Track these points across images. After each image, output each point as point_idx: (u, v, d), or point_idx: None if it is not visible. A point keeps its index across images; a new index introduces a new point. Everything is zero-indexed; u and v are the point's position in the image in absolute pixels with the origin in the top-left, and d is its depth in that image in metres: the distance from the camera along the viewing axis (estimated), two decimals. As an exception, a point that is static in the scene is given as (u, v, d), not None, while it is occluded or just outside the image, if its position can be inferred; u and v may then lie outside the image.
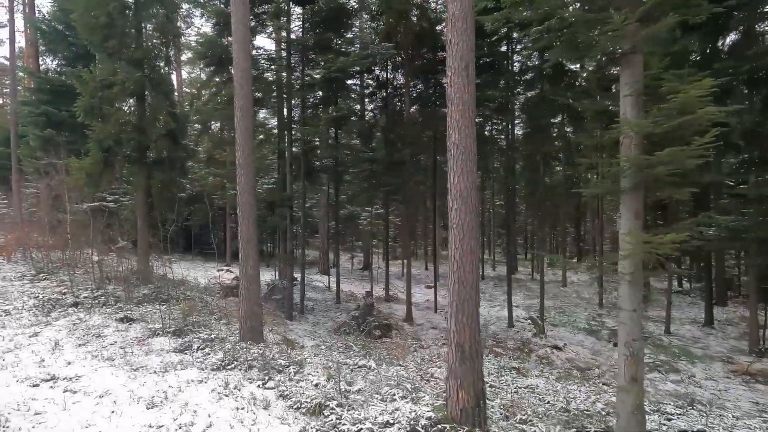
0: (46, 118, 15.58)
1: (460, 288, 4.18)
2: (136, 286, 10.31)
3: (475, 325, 4.24)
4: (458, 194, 4.17)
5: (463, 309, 4.18)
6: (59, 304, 8.49)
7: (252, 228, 6.85)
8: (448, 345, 4.35)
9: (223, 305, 9.93)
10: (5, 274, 10.16)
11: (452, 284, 4.27)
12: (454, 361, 4.20)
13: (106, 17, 9.81)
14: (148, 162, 10.80)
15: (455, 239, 4.20)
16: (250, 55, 6.84)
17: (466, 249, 4.16)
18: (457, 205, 4.18)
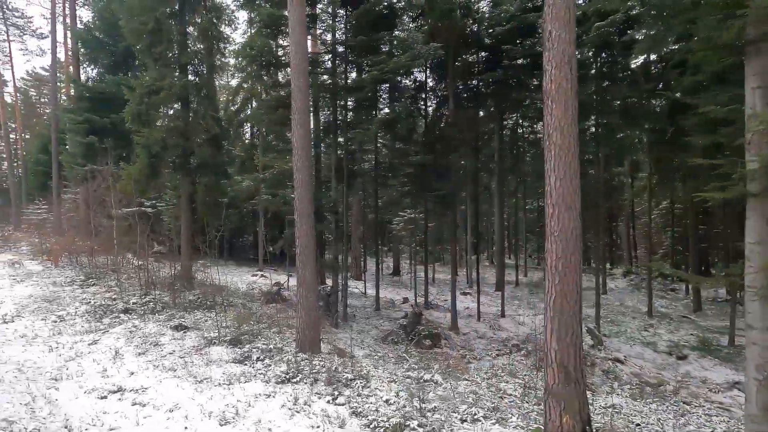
0: (88, 125, 15.88)
1: (563, 303, 3.82)
2: (180, 291, 10.28)
3: (579, 343, 3.87)
4: (560, 199, 3.81)
5: (567, 326, 3.81)
6: (110, 310, 8.47)
7: (310, 234, 6.63)
8: (546, 365, 3.98)
9: (269, 313, 9.76)
10: (55, 279, 10.26)
11: (552, 298, 3.90)
12: (556, 383, 3.83)
13: (154, 23, 9.84)
14: (191, 167, 10.78)
15: (556, 248, 3.84)
16: (307, 56, 6.66)
17: (570, 260, 3.79)
18: (558, 212, 3.83)
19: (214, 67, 10.51)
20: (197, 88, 10.45)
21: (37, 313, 7.94)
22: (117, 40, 16.88)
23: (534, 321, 13.83)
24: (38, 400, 4.24)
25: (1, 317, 7.53)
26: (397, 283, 22.15)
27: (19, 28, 25.82)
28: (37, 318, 7.69)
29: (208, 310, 8.98)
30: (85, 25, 18.64)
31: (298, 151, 6.60)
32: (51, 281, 10.06)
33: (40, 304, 8.38)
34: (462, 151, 10.82)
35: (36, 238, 17.49)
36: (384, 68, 8.00)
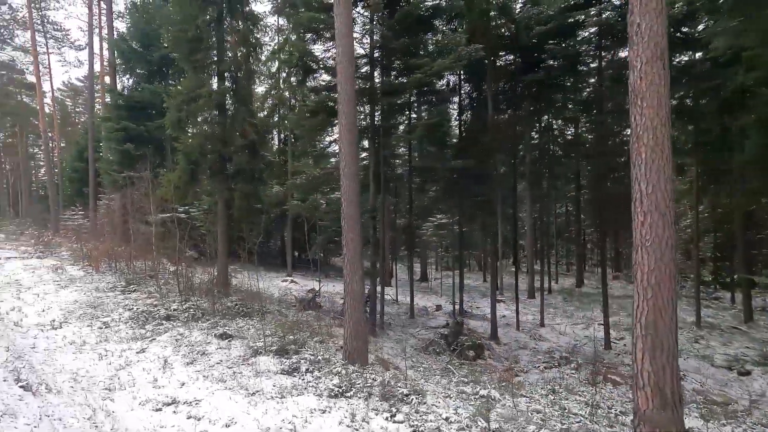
0: (125, 133, 16.23)
1: (657, 319, 3.48)
2: (218, 298, 10.27)
3: (676, 364, 3.52)
4: (652, 206, 3.49)
5: (661, 344, 3.47)
6: (152, 317, 8.47)
7: (357, 243, 6.44)
8: (636, 387, 3.64)
9: (306, 320, 9.62)
10: (97, 284, 10.39)
11: (643, 314, 3.57)
12: (650, 408, 3.49)
13: (195, 31, 9.92)
14: (228, 174, 10.79)
15: (648, 260, 3.52)
16: (354, 60, 6.52)
17: (665, 272, 3.46)
18: (650, 219, 3.50)
19: (251, 73, 10.51)
20: (235, 95, 10.47)
21: (83, 319, 8.00)
22: (152, 49, 17.27)
23: (574, 330, 13.30)
24: (98, 413, 4.15)
25: (50, 323, 7.60)
26: (425, 290, 21.83)
27: (57, 40, 26.81)
28: (84, 324, 7.73)
29: (248, 318, 8.90)
30: (121, 36, 19.16)
31: (345, 156, 6.44)
32: (93, 287, 10.19)
33: (85, 309, 8.45)
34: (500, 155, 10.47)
35: (75, 243, 17.99)
36: (428, 70, 7.79)
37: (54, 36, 27.08)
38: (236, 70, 10.70)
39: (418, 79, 7.91)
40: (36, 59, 24.29)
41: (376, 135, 9.75)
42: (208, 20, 10.25)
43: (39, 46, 25.67)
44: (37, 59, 24.44)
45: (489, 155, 10.20)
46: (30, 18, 24.14)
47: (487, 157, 10.09)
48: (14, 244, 16.83)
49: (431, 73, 7.84)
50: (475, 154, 9.81)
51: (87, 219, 23.87)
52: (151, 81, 16.81)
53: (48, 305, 8.55)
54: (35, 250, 15.34)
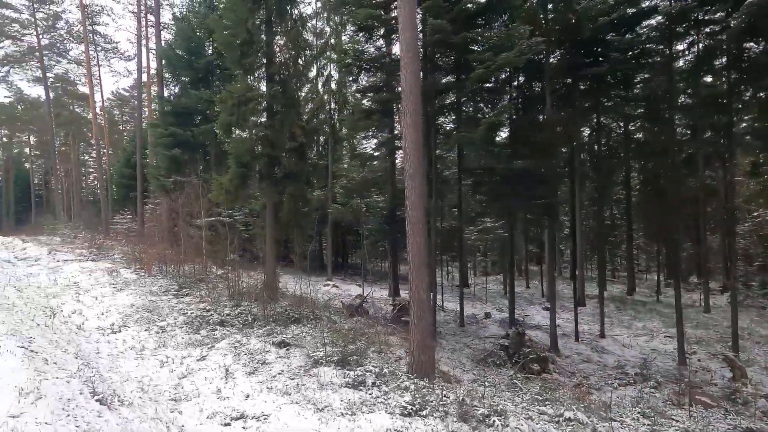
0: (173, 138, 16.58)
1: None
2: (268, 302, 10.14)
3: None
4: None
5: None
6: (206, 322, 8.38)
7: (423, 247, 6.04)
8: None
9: (357, 327, 9.31)
10: (150, 288, 10.49)
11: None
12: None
13: (246, 34, 9.88)
14: (277, 177, 10.68)
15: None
16: (419, 55, 6.15)
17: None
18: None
19: (299, 75, 10.37)
20: (284, 97, 10.35)
21: (140, 323, 8.00)
22: (197, 57, 17.63)
23: (638, 343, 12.36)
24: (172, 428, 3.93)
25: (110, 327, 7.63)
26: (468, 296, 21.13)
27: (107, 51, 28.06)
28: (141, 328, 7.72)
29: (300, 324, 8.68)
30: (168, 45, 19.71)
31: (410, 156, 6.07)
32: (147, 290, 10.28)
33: (141, 314, 8.47)
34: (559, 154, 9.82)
35: (125, 246, 18.56)
36: (491, 65, 7.32)
37: (105, 48, 28.39)
38: (285, 73, 10.60)
39: (479, 74, 7.45)
40: (89, 71, 25.48)
41: (428, 135, 9.34)
42: (258, 23, 10.22)
43: (91, 59, 26.94)
44: (90, 71, 25.64)
45: (547, 155, 9.58)
46: (84, 33, 25.40)
47: (545, 157, 9.47)
48: (70, 247, 17.51)
49: (494, 67, 7.36)
50: (530, 154, 9.22)
51: (135, 222, 24.69)
52: (197, 87, 17.13)
53: (107, 308, 8.63)
54: (90, 252, 15.86)
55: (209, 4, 18.03)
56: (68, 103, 42.97)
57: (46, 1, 27.56)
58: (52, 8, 27.93)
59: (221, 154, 17.94)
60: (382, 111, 8.37)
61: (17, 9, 27.73)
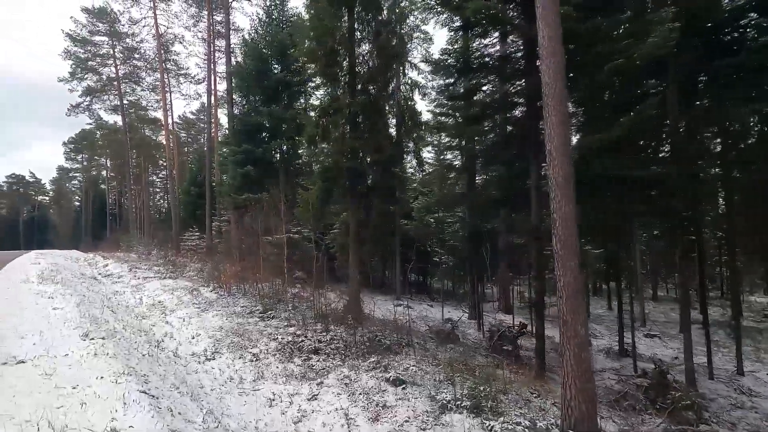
0: (245, 156, 16.63)
1: None
2: (353, 326, 9.40)
3: None
4: None
5: None
6: (298, 349, 7.72)
7: (578, 273, 4.96)
8: None
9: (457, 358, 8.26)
10: (234, 308, 10.06)
11: None
12: None
13: (334, 43, 9.43)
14: (363, 191, 10.01)
15: None
16: (561, 38, 5.21)
17: None
18: None
19: (387, 83, 9.74)
20: (371, 107, 9.74)
21: (232, 349, 7.44)
22: (267, 75, 17.75)
23: (788, 382, 10.28)
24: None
25: (203, 353, 7.12)
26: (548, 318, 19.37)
27: (179, 76, 29.51)
28: (235, 356, 7.14)
29: (399, 354, 7.80)
30: (238, 64, 20.16)
31: (557, 161, 5.06)
32: (230, 311, 9.84)
33: (231, 338, 7.93)
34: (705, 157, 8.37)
35: (196, 263, 18.76)
36: (631, 54, 6.22)
37: (177, 74, 29.92)
38: (371, 82, 10.02)
39: (616, 66, 6.35)
40: (164, 97, 26.84)
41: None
42: (346, 32, 9.76)
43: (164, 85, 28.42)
44: (164, 97, 27.01)
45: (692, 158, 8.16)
46: (160, 62, 26.87)
47: (683, 161, 8.06)
48: (147, 264, 17.88)
49: (634, 57, 6.24)
50: (677, 158, 7.87)
51: (203, 240, 25.25)
52: (267, 105, 17.15)
53: (196, 331, 8.19)
54: (166, 270, 16.01)
55: (279, 23, 18.20)
56: (140, 127, 46.05)
57: (124, 37, 29.61)
58: (129, 42, 29.98)
59: (290, 171, 17.83)
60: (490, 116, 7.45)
61: (98, 44, 30.06)
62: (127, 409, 3.28)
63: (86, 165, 58.14)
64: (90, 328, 5.33)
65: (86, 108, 31.78)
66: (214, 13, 25.48)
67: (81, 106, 30.76)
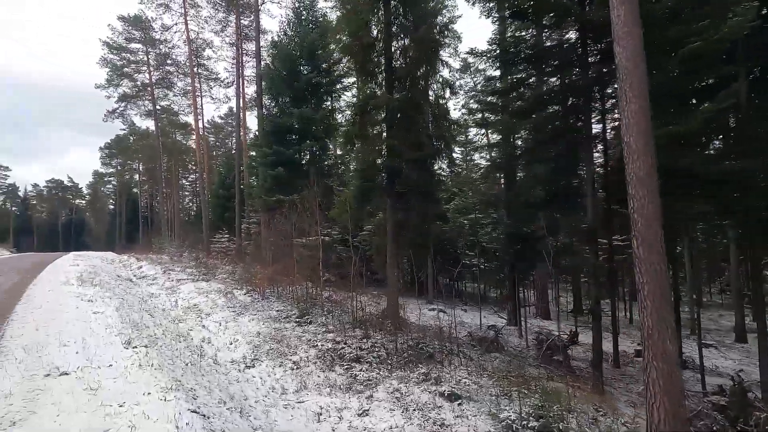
0: (275, 158, 16.50)
1: None
2: (392, 332, 9.00)
3: None
4: None
5: None
6: (338, 356, 7.37)
7: (664, 277, 4.38)
8: None
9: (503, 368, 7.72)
10: (269, 312, 9.82)
11: None
12: None
13: (370, 37, 9.08)
14: (400, 191, 9.60)
15: None
16: (640, 23, 4.66)
17: None
18: None
19: (427, 78, 9.30)
20: (410, 103, 9.32)
21: (272, 356, 7.15)
22: (296, 76, 17.59)
23: None
24: None
25: (242, 359, 6.86)
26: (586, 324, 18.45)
27: (208, 80, 29.92)
28: (275, 363, 6.85)
29: (442, 363, 7.35)
30: (268, 66, 20.13)
31: (635, 153, 4.51)
32: (266, 315, 9.60)
33: (270, 344, 7.65)
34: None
35: (227, 264, 18.79)
36: (710, 37, 5.57)
37: (206, 78, 30.36)
38: (409, 77, 9.60)
39: (692, 50, 5.71)
40: (195, 102, 27.23)
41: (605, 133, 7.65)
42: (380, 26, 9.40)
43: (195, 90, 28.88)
44: (195, 102, 27.41)
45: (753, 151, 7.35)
46: (191, 67, 27.29)
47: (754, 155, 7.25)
48: (180, 266, 17.99)
49: (715, 40, 5.59)
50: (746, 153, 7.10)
51: (232, 242, 25.39)
52: (298, 106, 16.98)
53: (233, 336, 7.95)
54: (198, 272, 16.03)
55: (308, 24, 18.04)
56: (171, 132, 47.17)
57: (157, 44, 30.27)
58: (162, 48, 30.63)
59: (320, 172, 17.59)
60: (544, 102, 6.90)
61: (134, 52, 30.87)
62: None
63: (120, 170, 60.06)
64: (132, 335, 5.12)
65: (121, 114, 32.69)
66: (241, 16, 25.69)
67: (117, 111, 31.61)
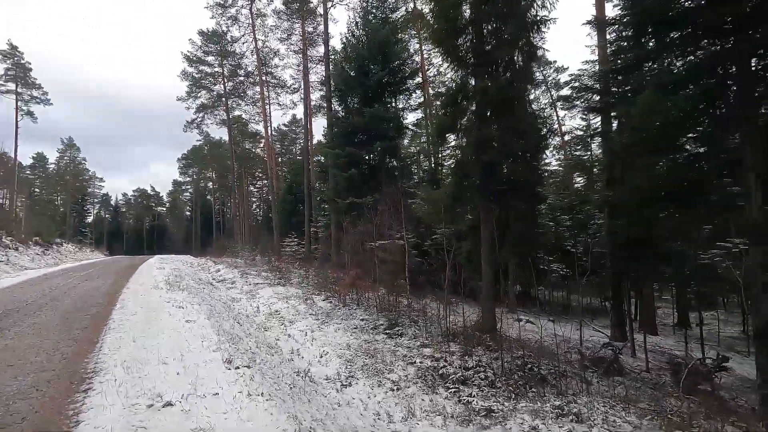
0: (348, 159, 16.08)
1: None
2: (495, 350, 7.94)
3: None
4: None
5: None
6: (441, 377, 6.49)
7: None
8: None
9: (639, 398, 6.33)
10: (354, 321, 9.16)
11: None
12: None
13: (462, 20, 8.15)
14: (498, 189, 8.51)
15: None
16: None
17: None
18: None
19: (532, 56, 8.16)
20: (508, 90, 8.23)
21: (367, 373, 6.41)
22: (368, 76, 17.09)
23: None
24: None
25: (336, 376, 6.17)
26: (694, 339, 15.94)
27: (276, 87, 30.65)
28: (373, 382, 6.09)
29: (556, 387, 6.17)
30: (336, 67, 19.92)
31: None
32: (351, 324, 8.95)
33: (363, 359, 6.93)
34: None
35: (298, 269, 18.70)
36: None
37: (274, 85, 31.19)
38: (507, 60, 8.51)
39: None
40: (264, 110, 27.99)
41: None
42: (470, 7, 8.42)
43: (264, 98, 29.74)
44: (264, 110, 28.16)
45: None
46: (260, 76, 28.09)
47: None
48: (256, 270, 18.15)
49: None
50: None
51: (301, 246, 25.53)
52: (371, 105, 16.44)
53: (322, 348, 7.34)
54: (274, 276, 15.97)
55: (379, 20, 17.49)
56: (240, 140, 49.48)
57: (230, 55, 31.62)
58: (233, 60, 31.98)
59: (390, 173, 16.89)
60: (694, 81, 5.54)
61: (211, 64, 32.54)
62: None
63: (195, 178, 64.30)
64: (230, 351, 4.60)
65: (198, 125, 34.58)
66: (306, 23, 25.96)
67: (194, 122, 33.44)
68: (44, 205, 52.97)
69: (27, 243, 21.84)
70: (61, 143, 57.26)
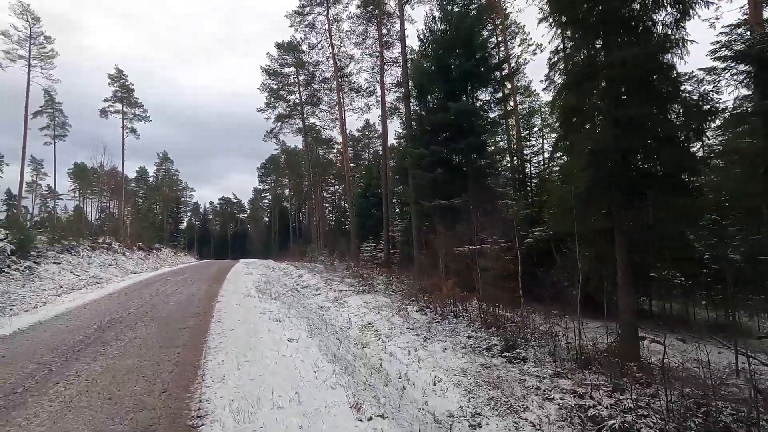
0: (431, 159, 15.03)
1: None
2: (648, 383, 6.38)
3: None
4: None
5: None
6: (589, 419, 5.14)
7: None
8: None
9: None
10: (460, 339, 8.04)
11: None
12: None
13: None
14: (635, 181, 6.89)
15: None
16: None
17: None
18: None
19: (687, 14, 6.47)
20: (646, 59, 6.61)
21: (496, 410, 5.24)
22: (450, 69, 15.93)
23: None
24: None
25: (461, 413, 5.08)
26: None
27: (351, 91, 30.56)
28: (506, 424, 4.93)
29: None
30: (414, 64, 19.02)
31: None
32: (458, 343, 7.84)
33: (486, 390, 5.77)
34: None
35: (380, 274, 18.00)
36: None
37: (349, 90, 31.16)
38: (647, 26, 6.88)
39: None
40: (341, 116, 27.99)
41: None
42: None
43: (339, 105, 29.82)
44: (341, 116, 28.15)
45: None
46: (337, 82, 28.16)
47: None
48: (337, 275, 17.77)
49: None
50: None
51: (379, 250, 24.89)
52: (456, 99, 15.26)
53: (434, 373, 6.30)
54: (357, 282, 15.38)
55: (462, 7, 16.25)
56: (314, 147, 50.78)
57: (306, 65, 32.22)
58: (309, 68, 32.56)
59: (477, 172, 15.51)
60: None
61: (286, 75, 33.50)
62: None
63: (273, 186, 67.47)
64: (352, 388, 3.73)
65: (276, 134, 35.78)
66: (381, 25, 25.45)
67: (273, 131, 34.62)
68: (146, 214, 58.75)
69: (132, 248, 23.73)
70: (158, 157, 63.35)
